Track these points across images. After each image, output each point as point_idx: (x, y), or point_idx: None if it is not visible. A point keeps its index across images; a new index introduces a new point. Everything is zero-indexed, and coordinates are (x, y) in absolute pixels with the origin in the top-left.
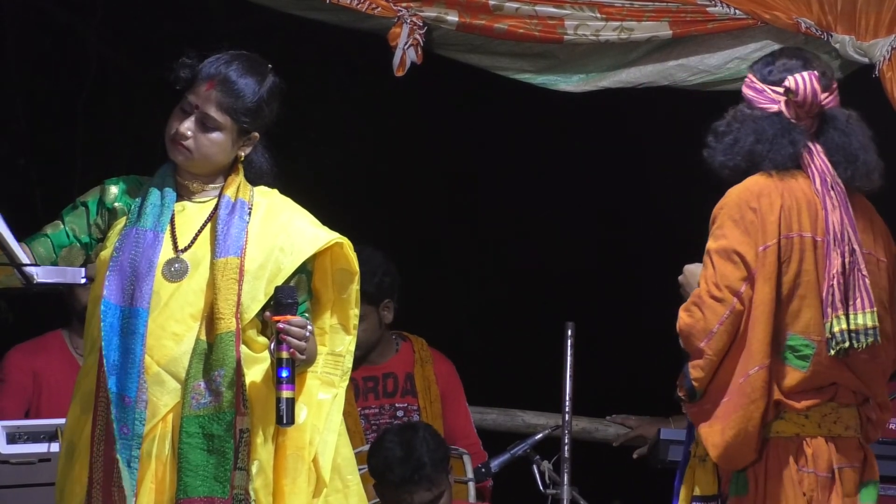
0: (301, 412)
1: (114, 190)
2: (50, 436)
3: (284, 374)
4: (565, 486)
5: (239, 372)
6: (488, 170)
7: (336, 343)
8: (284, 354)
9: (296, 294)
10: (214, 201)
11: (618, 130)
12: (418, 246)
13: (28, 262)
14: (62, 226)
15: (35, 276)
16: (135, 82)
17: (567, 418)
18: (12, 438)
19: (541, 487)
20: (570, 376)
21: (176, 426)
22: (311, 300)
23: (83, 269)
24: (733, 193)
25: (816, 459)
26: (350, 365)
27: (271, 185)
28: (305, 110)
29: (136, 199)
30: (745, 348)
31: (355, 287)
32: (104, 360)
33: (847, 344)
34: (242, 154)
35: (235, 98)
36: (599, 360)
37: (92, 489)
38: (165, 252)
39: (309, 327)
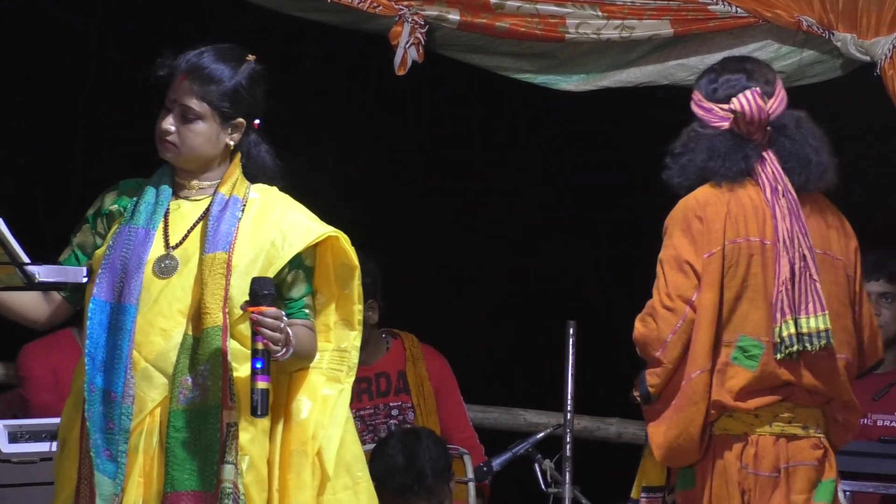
0: (304, 407)
1: (110, 196)
2: (52, 435)
3: (258, 365)
4: (567, 485)
5: (225, 366)
6: (490, 168)
7: (341, 339)
8: (259, 346)
9: (272, 285)
10: (209, 198)
11: (619, 129)
12: (420, 244)
13: (29, 260)
14: (71, 250)
15: (36, 276)
16: (135, 82)
17: (569, 417)
18: (14, 437)
19: (542, 486)
20: (572, 375)
21: (163, 421)
22: (315, 296)
23: (84, 269)
24: (681, 204)
25: (760, 459)
26: (356, 360)
27: (272, 183)
28: (306, 109)
29: (133, 199)
30: (688, 352)
31: (357, 282)
32: (90, 357)
33: (795, 348)
34: (232, 143)
35: (209, 84)
36: (601, 358)
37: (80, 485)
38: (156, 249)
39: (284, 319)
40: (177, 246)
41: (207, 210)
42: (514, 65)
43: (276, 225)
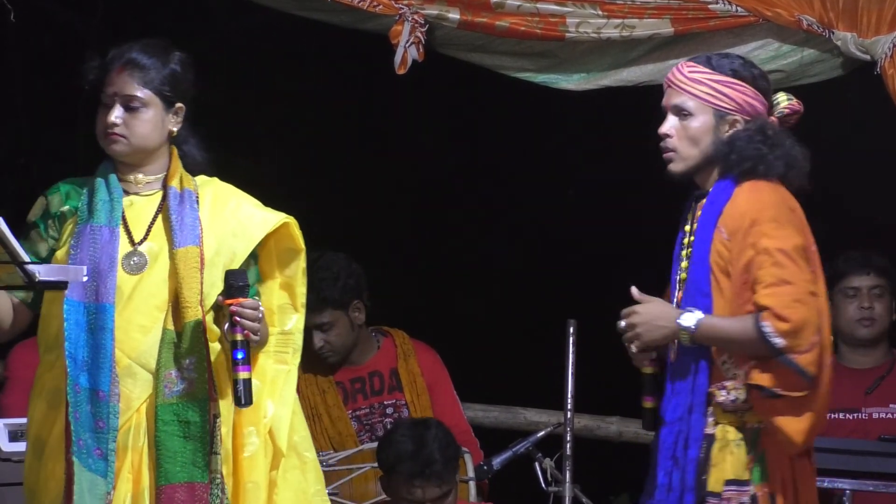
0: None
1: (56, 198)
2: None
3: (240, 355)
4: (567, 484)
5: (208, 358)
6: (491, 166)
7: (285, 321)
8: (239, 336)
9: (246, 277)
10: (160, 192)
11: (620, 129)
12: (420, 243)
13: (29, 259)
14: None
15: (37, 275)
16: None
17: (569, 416)
18: (14, 436)
19: (543, 485)
20: (572, 374)
21: (150, 416)
22: (259, 281)
23: (85, 268)
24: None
25: None
26: (300, 343)
27: (209, 174)
28: (306, 108)
29: (82, 198)
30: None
31: (301, 265)
32: (70, 358)
33: None
34: (175, 129)
35: (149, 70)
36: (601, 357)
37: (71, 484)
38: (123, 246)
39: (261, 308)
40: (141, 242)
41: (162, 204)
42: (515, 64)
43: (232, 216)
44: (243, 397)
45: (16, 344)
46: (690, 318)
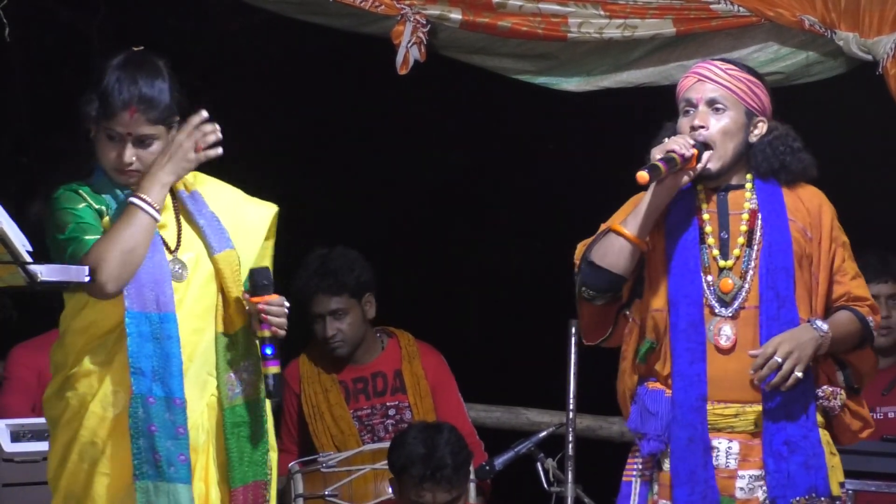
0: None
1: (84, 195)
2: None
3: (269, 350)
4: (569, 484)
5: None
6: (492, 166)
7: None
8: (267, 333)
9: (270, 275)
10: (168, 196)
11: (620, 129)
12: (421, 243)
13: (31, 260)
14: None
15: (39, 275)
16: None
17: (571, 416)
18: (17, 437)
19: (545, 485)
20: (574, 374)
21: (213, 418)
22: None
23: (87, 268)
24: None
25: None
26: None
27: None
28: (308, 108)
29: (108, 199)
30: None
31: (271, 251)
32: (137, 372)
33: None
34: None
35: (158, 107)
36: (603, 357)
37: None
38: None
39: (286, 304)
40: (177, 249)
41: (177, 208)
42: (516, 65)
43: (233, 212)
44: (274, 391)
45: (15, 345)
46: (823, 324)
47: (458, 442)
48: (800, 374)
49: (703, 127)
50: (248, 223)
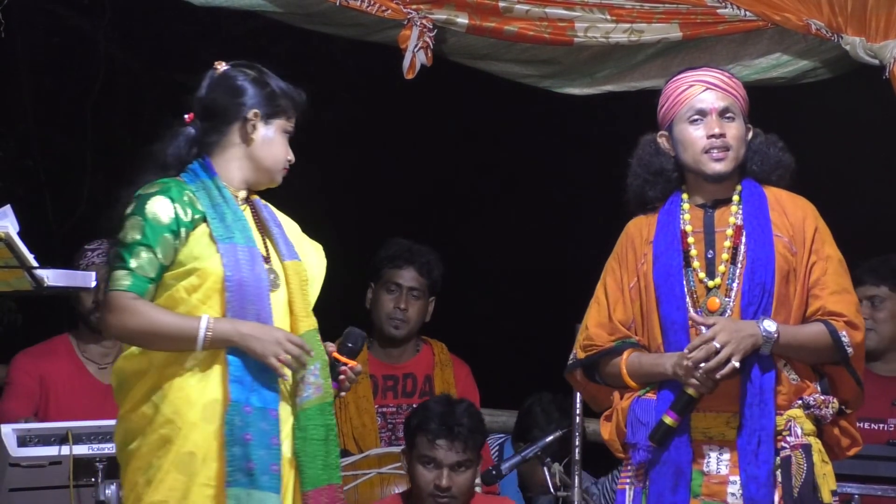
0: None
1: (181, 205)
2: (60, 439)
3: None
4: (576, 489)
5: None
6: (499, 169)
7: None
8: (334, 391)
9: (363, 341)
10: (246, 205)
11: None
12: (430, 247)
13: (38, 264)
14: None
15: (45, 280)
16: (143, 83)
17: (578, 420)
18: (23, 441)
19: (551, 490)
20: None
21: (287, 422)
22: None
23: (93, 273)
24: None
25: None
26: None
27: None
28: (316, 111)
29: (205, 206)
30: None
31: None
32: (237, 381)
33: None
34: None
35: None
36: None
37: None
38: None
39: (359, 370)
40: (268, 258)
41: (256, 218)
42: (521, 70)
43: (295, 240)
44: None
45: (19, 349)
46: (771, 325)
47: (476, 413)
48: (736, 364)
49: (723, 135)
50: (307, 257)
